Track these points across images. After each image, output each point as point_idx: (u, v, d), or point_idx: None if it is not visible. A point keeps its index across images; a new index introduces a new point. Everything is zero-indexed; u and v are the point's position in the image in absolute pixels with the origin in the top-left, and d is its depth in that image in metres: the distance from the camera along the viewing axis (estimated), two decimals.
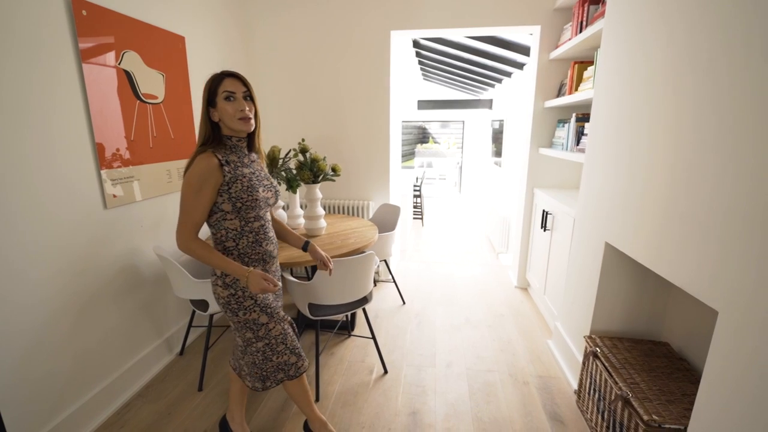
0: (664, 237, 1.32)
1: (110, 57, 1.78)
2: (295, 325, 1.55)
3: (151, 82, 2.04)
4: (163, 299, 2.23)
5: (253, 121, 1.33)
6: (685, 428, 1.24)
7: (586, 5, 2.18)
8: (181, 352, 2.33)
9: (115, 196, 1.84)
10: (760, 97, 0.96)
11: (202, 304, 2.03)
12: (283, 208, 2.32)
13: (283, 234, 1.65)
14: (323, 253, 1.63)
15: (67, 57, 1.59)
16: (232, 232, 1.34)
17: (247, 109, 1.29)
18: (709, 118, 1.13)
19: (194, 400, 1.95)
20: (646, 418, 1.29)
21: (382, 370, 2.16)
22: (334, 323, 2.60)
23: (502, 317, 2.77)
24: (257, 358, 1.44)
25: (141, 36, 1.96)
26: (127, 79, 1.88)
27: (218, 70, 1.32)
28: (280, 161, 2.25)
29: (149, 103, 2.03)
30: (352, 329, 2.58)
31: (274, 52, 3.07)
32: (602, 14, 1.94)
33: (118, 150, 1.84)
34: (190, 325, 2.29)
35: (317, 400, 1.93)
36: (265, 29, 3.04)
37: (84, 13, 1.63)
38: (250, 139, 1.39)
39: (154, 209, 2.13)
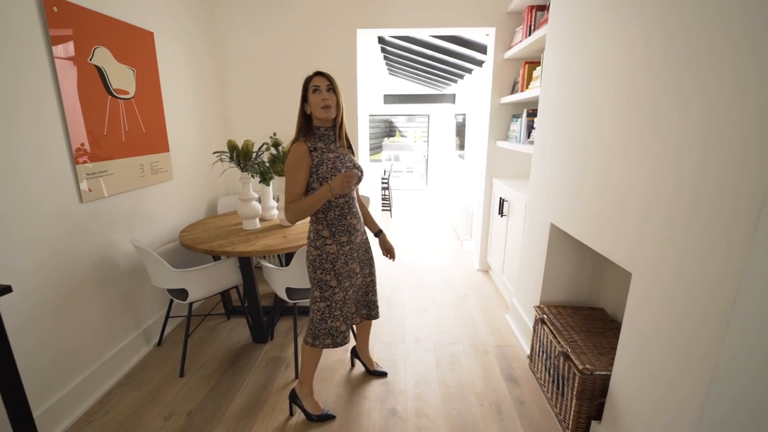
0: (595, 216, 1.56)
1: (82, 53, 1.80)
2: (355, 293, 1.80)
3: (122, 78, 2.07)
4: (139, 291, 2.28)
5: (333, 109, 1.55)
6: (611, 373, 1.49)
7: (533, 11, 2.41)
8: (159, 343, 2.39)
9: (90, 190, 1.87)
10: (655, 104, 1.20)
11: (181, 293, 2.10)
12: (258, 200, 2.41)
13: (363, 215, 1.88)
14: (391, 243, 1.95)
15: (39, 54, 1.61)
16: (321, 206, 1.58)
17: (328, 98, 1.53)
18: (626, 118, 1.37)
19: (176, 385, 2.03)
20: (580, 367, 1.54)
21: None
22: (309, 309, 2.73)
23: (465, 297, 3.01)
24: (316, 317, 1.69)
25: (111, 32, 1.98)
26: (99, 75, 1.91)
27: (188, 64, 1.42)
28: (254, 155, 2.33)
29: (121, 98, 2.06)
30: None
31: (244, 48, 3.11)
32: (546, 21, 2.17)
33: (91, 145, 1.87)
34: (167, 316, 2.35)
35: (296, 377, 2.07)
36: (234, 25, 3.08)
37: (55, 9, 1.65)
38: (337, 130, 1.63)
39: (128, 203, 2.16)
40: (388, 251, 1.94)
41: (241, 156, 2.25)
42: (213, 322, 2.65)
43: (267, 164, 2.37)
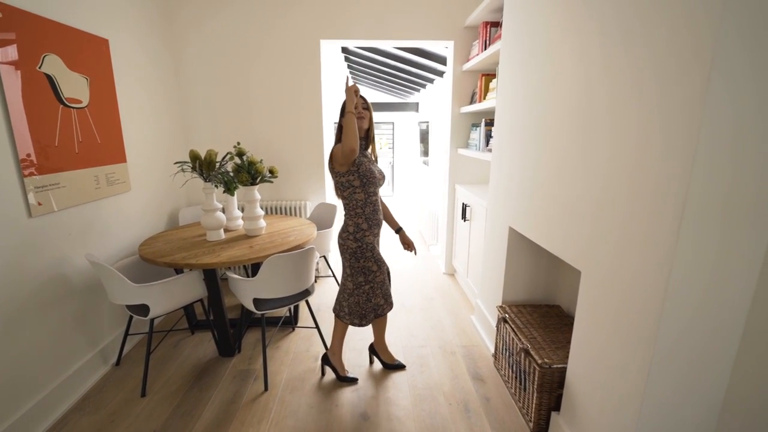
0: (548, 219, 1.68)
1: (29, 61, 1.72)
2: (390, 272, 2.06)
3: (75, 86, 1.98)
4: (95, 309, 2.17)
5: (365, 120, 1.89)
6: (567, 365, 1.60)
7: (488, 27, 2.55)
8: (118, 362, 2.28)
9: (39, 203, 1.78)
10: (601, 113, 1.32)
11: (141, 309, 2.02)
12: (222, 210, 2.37)
13: (386, 214, 2.15)
14: (410, 239, 2.16)
15: None
16: (359, 202, 1.88)
17: (363, 112, 1.87)
18: (572, 129, 1.49)
19: (138, 405, 1.95)
20: (540, 361, 1.64)
21: None
22: (278, 319, 2.71)
23: (432, 300, 3.09)
24: (362, 299, 1.96)
25: (62, 39, 1.91)
26: (49, 83, 1.82)
27: (146, 73, 1.43)
28: (217, 164, 2.29)
29: (73, 107, 1.97)
30: (296, 323, 2.70)
31: (205, 56, 3.06)
32: (500, 36, 2.31)
33: (39, 156, 1.78)
34: (126, 333, 2.24)
35: (266, 389, 2.05)
36: (194, 33, 3.02)
37: None
38: (367, 142, 1.94)
39: (82, 216, 2.07)
40: (409, 246, 2.14)
41: (204, 166, 2.21)
42: (176, 338, 2.56)
43: (231, 174, 2.34)
